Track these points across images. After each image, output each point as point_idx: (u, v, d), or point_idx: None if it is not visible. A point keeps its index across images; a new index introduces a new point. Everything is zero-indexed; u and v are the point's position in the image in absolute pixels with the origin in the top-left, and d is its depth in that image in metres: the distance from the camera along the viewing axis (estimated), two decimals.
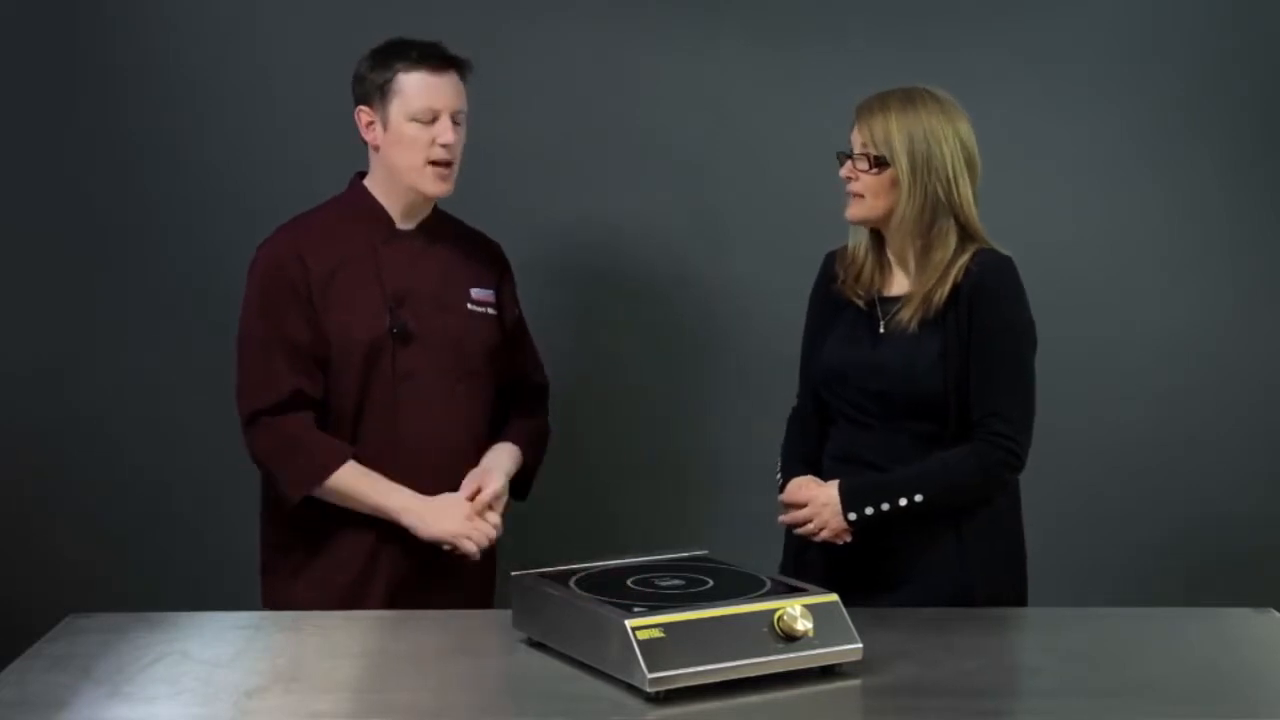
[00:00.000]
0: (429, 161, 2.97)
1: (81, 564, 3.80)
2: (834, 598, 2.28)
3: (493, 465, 3.06)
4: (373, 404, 2.99)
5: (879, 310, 2.92)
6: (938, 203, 2.84)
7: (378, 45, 3.03)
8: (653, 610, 2.19)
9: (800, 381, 3.07)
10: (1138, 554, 3.86)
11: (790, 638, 2.20)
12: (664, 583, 2.37)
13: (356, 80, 3.04)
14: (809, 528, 2.84)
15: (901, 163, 2.83)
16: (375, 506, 2.95)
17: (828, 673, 2.24)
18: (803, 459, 2.97)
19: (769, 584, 2.35)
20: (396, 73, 2.97)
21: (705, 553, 2.55)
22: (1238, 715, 2.16)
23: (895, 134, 2.84)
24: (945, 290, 2.84)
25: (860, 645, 2.24)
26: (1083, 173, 3.86)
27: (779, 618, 2.21)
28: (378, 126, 3.00)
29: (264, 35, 3.81)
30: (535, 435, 3.19)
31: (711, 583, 2.37)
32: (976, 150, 2.88)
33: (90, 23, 3.80)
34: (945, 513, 2.82)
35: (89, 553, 3.83)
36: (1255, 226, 3.89)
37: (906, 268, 2.91)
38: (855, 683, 2.23)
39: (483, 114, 3.11)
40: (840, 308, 2.97)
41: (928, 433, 2.84)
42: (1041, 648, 2.59)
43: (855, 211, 2.91)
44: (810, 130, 3.59)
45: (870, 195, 2.87)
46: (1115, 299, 3.87)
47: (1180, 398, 3.88)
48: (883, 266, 2.95)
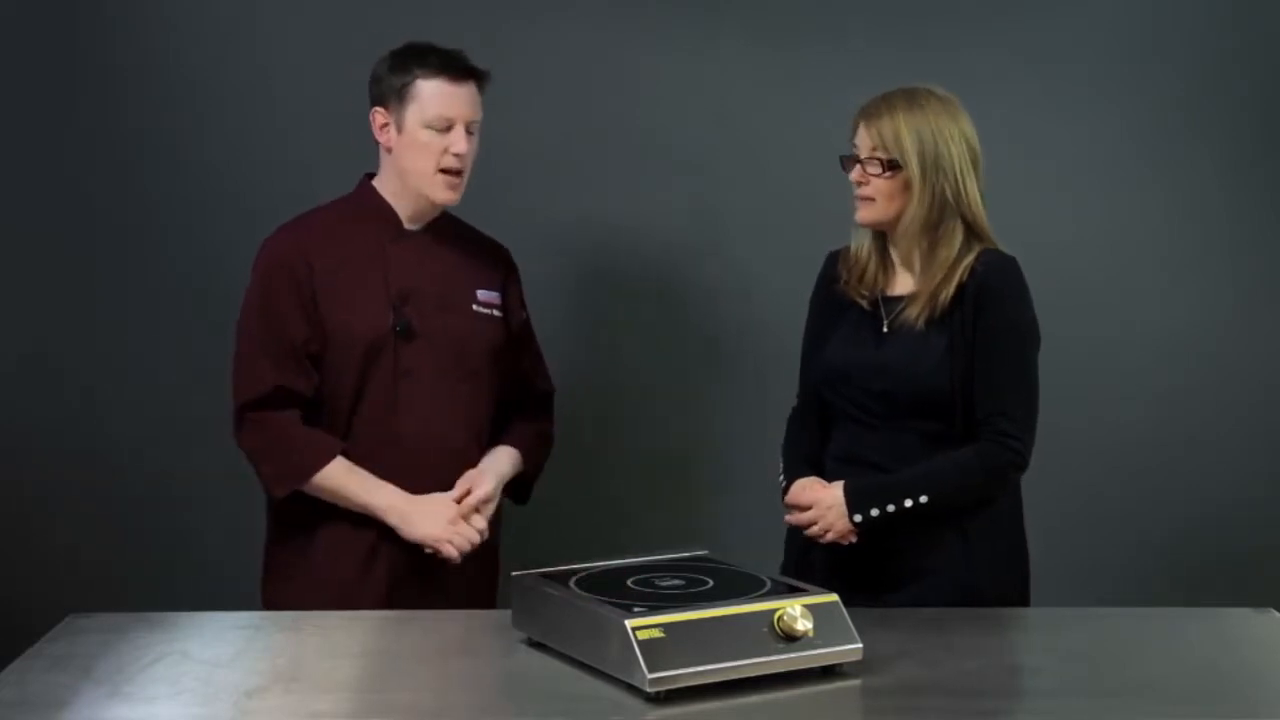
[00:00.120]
0: (440, 169, 2.97)
1: (81, 564, 3.80)
2: (834, 598, 2.27)
3: (487, 468, 3.05)
4: (370, 400, 2.98)
5: (882, 310, 2.91)
6: (945, 203, 2.84)
7: (398, 47, 3.01)
8: (653, 610, 2.19)
9: (800, 382, 3.06)
10: (1138, 554, 3.86)
11: (790, 638, 2.20)
12: (664, 583, 2.36)
13: (374, 81, 3.02)
14: (814, 529, 2.83)
15: (912, 165, 2.82)
16: (362, 505, 2.95)
17: (828, 673, 2.24)
18: (805, 460, 2.96)
19: (769, 584, 2.35)
20: (415, 78, 2.96)
21: (705, 553, 2.55)
22: (1238, 715, 2.16)
23: (905, 136, 2.82)
24: (951, 289, 2.83)
25: (860, 645, 2.24)
26: (1083, 173, 3.86)
27: (779, 618, 2.21)
28: (392, 129, 2.99)
29: (264, 35, 3.82)
30: (536, 440, 3.18)
31: (711, 583, 2.36)
32: (979, 148, 2.88)
33: (90, 23, 3.80)
34: (950, 513, 2.81)
35: (89, 553, 3.83)
36: (1255, 226, 3.89)
37: (911, 267, 2.90)
38: (855, 683, 2.23)
39: (483, 114, 3.10)
40: (843, 308, 2.96)
41: (931, 432, 2.84)
42: (1042, 648, 2.59)
43: (867, 215, 2.89)
44: (810, 130, 3.60)
45: (882, 199, 2.86)
46: (1115, 299, 3.87)
47: (1180, 398, 3.88)
48: (886, 266, 2.94)
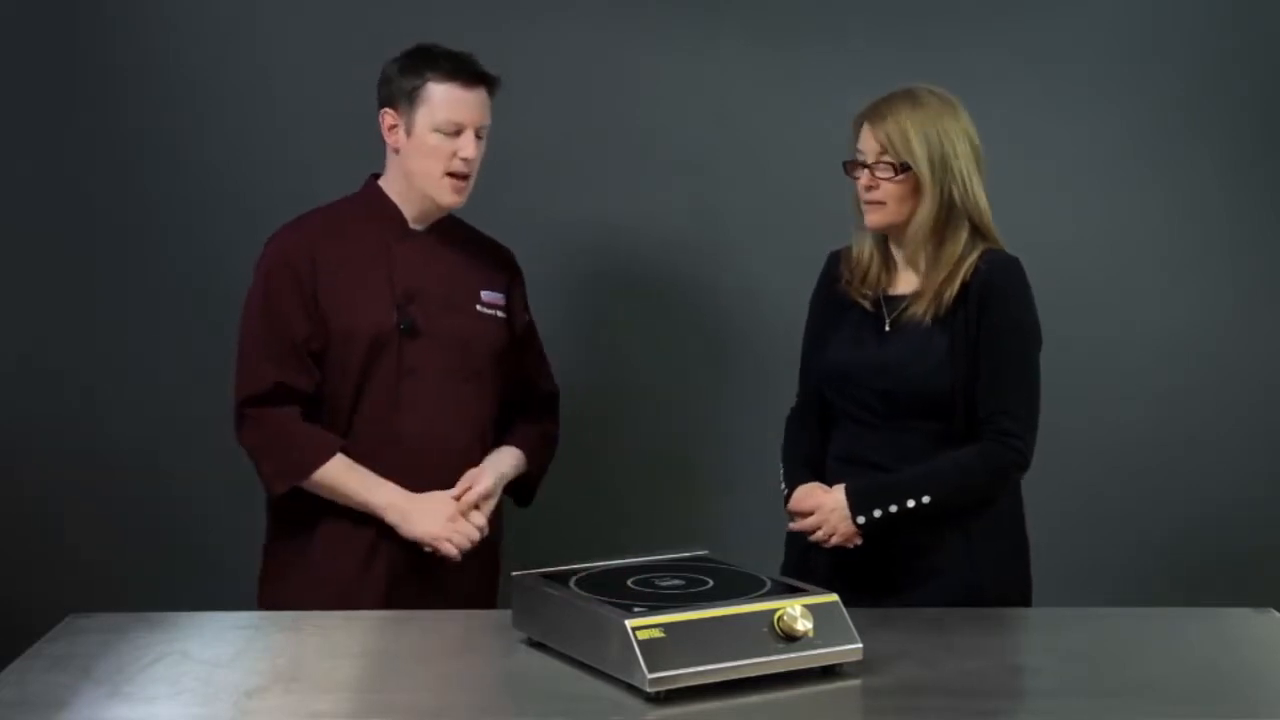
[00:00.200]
0: (447, 173, 2.98)
1: (81, 564, 3.80)
2: (834, 598, 2.27)
3: (487, 465, 3.05)
4: (371, 398, 2.98)
5: (884, 310, 2.90)
6: (954, 203, 2.83)
7: (409, 49, 3.01)
8: (653, 610, 2.19)
9: (800, 381, 3.06)
10: (1138, 554, 3.86)
11: (790, 638, 2.20)
12: (664, 583, 2.36)
13: (384, 81, 3.01)
14: (819, 534, 2.82)
15: (922, 166, 2.81)
16: (361, 502, 2.94)
17: (828, 673, 2.24)
18: (805, 463, 2.96)
19: (769, 584, 2.35)
20: (427, 81, 2.95)
21: (705, 553, 2.55)
22: (1238, 715, 2.16)
23: (913, 137, 2.81)
24: (955, 287, 2.82)
25: (860, 645, 2.24)
26: (1083, 173, 3.86)
27: (779, 618, 2.20)
28: (400, 131, 2.99)
29: (264, 35, 3.81)
30: (540, 440, 3.18)
31: (711, 583, 2.36)
32: (981, 147, 2.88)
33: (90, 23, 3.80)
34: (952, 513, 2.81)
35: (89, 553, 3.83)
36: (1255, 226, 3.89)
37: (915, 267, 2.90)
38: (855, 683, 2.23)
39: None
40: (845, 308, 2.95)
41: (933, 432, 2.83)
42: (1042, 648, 2.59)
43: (878, 219, 2.87)
44: (810, 130, 3.60)
45: (893, 202, 2.84)
46: (1115, 299, 3.87)
47: (1180, 398, 3.88)
48: (888, 266, 2.94)
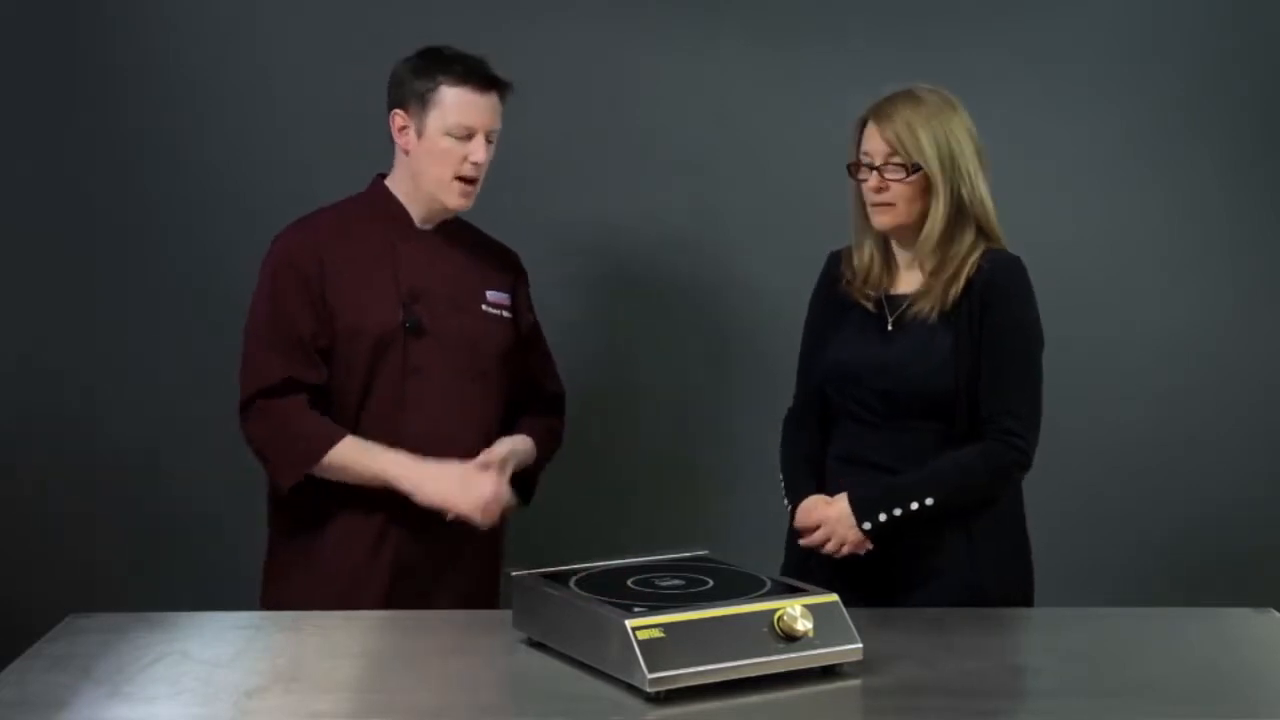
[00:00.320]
0: (456, 176, 2.98)
1: (81, 564, 3.80)
2: (834, 598, 2.27)
3: (502, 439, 3.04)
4: (378, 397, 2.98)
5: (886, 309, 2.90)
6: (962, 202, 2.83)
7: (421, 50, 3.00)
8: (653, 610, 2.19)
9: (800, 382, 3.06)
10: (1138, 554, 3.86)
11: (790, 638, 2.20)
12: (664, 583, 2.36)
13: (396, 82, 3.01)
14: (829, 546, 2.81)
15: (933, 167, 2.80)
16: (373, 475, 2.92)
17: (828, 673, 2.23)
18: (805, 468, 2.95)
19: (769, 584, 2.35)
20: (440, 85, 2.95)
21: (705, 553, 2.55)
22: (1238, 715, 2.16)
23: (923, 138, 2.80)
24: (959, 287, 2.82)
25: (860, 645, 2.24)
26: (1083, 173, 3.86)
27: (779, 618, 2.20)
28: (411, 133, 2.98)
29: (264, 35, 3.81)
30: (547, 434, 3.17)
31: (711, 583, 2.36)
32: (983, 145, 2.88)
33: (90, 23, 3.80)
34: (955, 513, 2.80)
35: (89, 553, 3.83)
36: (1255, 226, 3.89)
37: (918, 267, 2.89)
38: (855, 683, 2.23)
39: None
40: (845, 308, 2.95)
41: (935, 431, 2.83)
42: (1042, 648, 2.59)
43: (887, 220, 2.86)
44: (810, 130, 3.60)
45: (903, 202, 2.83)
46: (1115, 299, 3.87)
47: (1180, 398, 3.88)
48: (890, 266, 2.93)
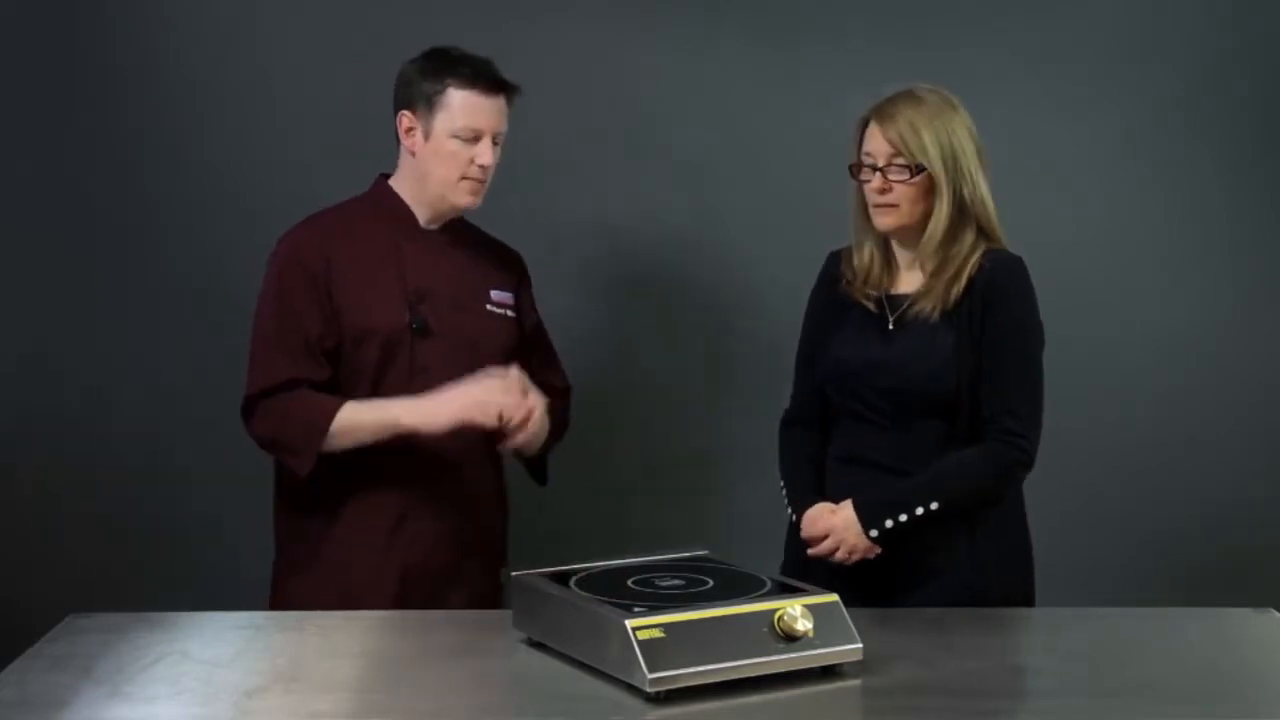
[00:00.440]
0: (463, 178, 2.98)
1: (81, 564, 3.80)
2: (834, 598, 2.27)
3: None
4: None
5: (887, 308, 2.90)
6: (964, 203, 2.83)
7: (429, 51, 3.00)
8: (653, 610, 2.19)
9: (798, 382, 3.05)
10: (1138, 554, 3.86)
11: (790, 638, 2.20)
12: (664, 583, 2.36)
13: (403, 83, 3.01)
14: (839, 555, 2.80)
15: (937, 167, 2.80)
16: (385, 425, 2.89)
17: (828, 673, 2.23)
18: (807, 476, 2.94)
19: (769, 584, 2.35)
20: (448, 87, 2.95)
21: (705, 553, 2.55)
22: (1238, 715, 2.16)
23: (926, 138, 2.80)
24: (960, 286, 2.81)
25: (860, 645, 2.24)
26: (1083, 173, 3.86)
27: (779, 618, 2.20)
28: (418, 134, 2.98)
29: (264, 35, 3.81)
30: (557, 411, 3.13)
31: (711, 583, 2.36)
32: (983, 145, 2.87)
33: (90, 23, 3.80)
34: (958, 514, 2.80)
35: (89, 553, 3.82)
36: (1255, 226, 3.89)
37: (918, 266, 2.89)
38: (855, 683, 2.23)
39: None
40: (846, 307, 2.94)
41: (937, 430, 2.82)
42: (1042, 648, 2.60)
43: (890, 221, 2.85)
44: (810, 130, 3.60)
45: (907, 203, 2.83)
46: (1115, 299, 3.87)
47: (1180, 398, 3.88)
48: (890, 266, 2.93)
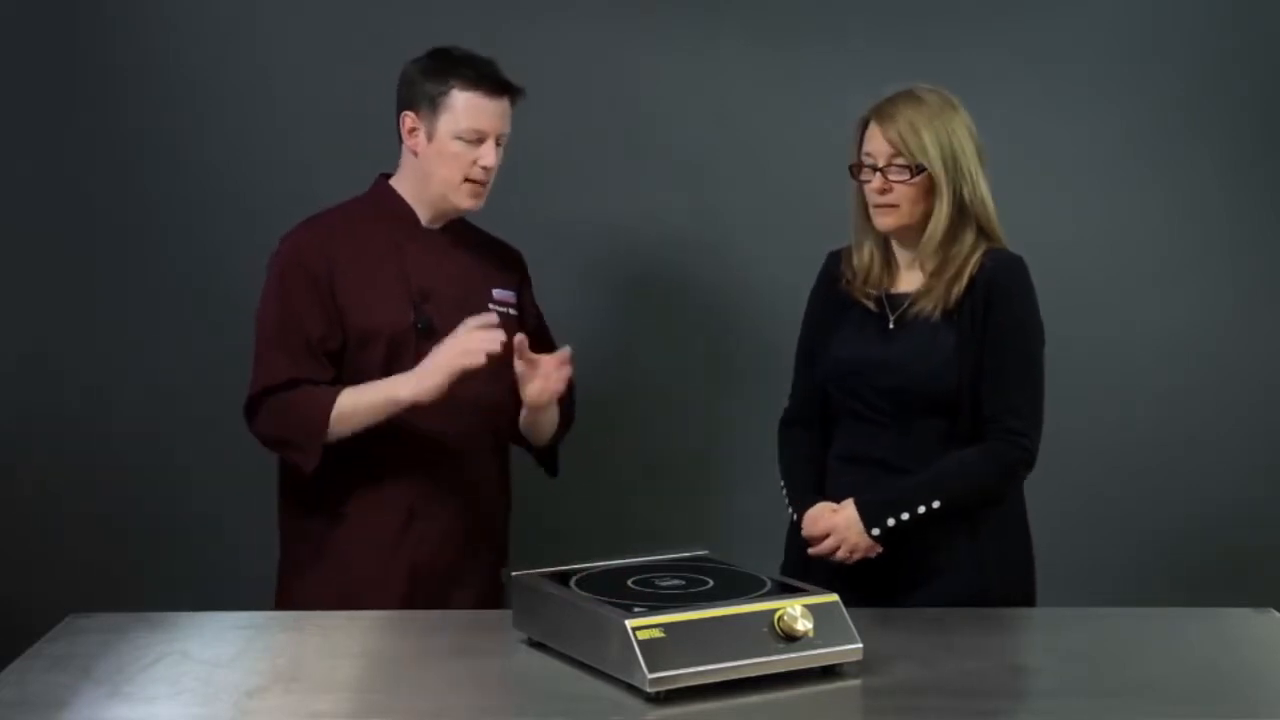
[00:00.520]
0: (466, 179, 2.98)
1: (82, 564, 3.80)
2: (834, 598, 2.27)
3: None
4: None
5: (888, 308, 2.90)
6: (964, 203, 2.83)
7: (432, 51, 3.00)
8: (653, 610, 2.19)
9: (798, 382, 3.05)
10: (1138, 554, 3.86)
11: (790, 638, 2.20)
12: (664, 583, 2.36)
13: (406, 83, 3.00)
14: (840, 554, 2.80)
15: (937, 168, 2.80)
16: (383, 404, 2.88)
17: (828, 673, 2.23)
18: (808, 475, 2.94)
19: (769, 584, 2.35)
20: (452, 89, 2.94)
21: (705, 553, 2.55)
22: (1238, 715, 2.16)
23: (926, 138, 2.80)
24: (962, 286, 2.81)
25: (860, 645, 2.24)
26: (1083, 173, 3.86)
27: (779, 618, 2.20)
28: (421, 135, 2.98)
29: (264, 35, 3.81)
30: (565, 402, 3.13)
31: (711, 583, 2.36)
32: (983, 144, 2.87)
33: (90, 23, 3.80)
34: (960, 514, 2.80)
35: (89, 553, 3.82)
36: (1255, 226, 3.89)
37: (918, 266, 2.89)
38: (855, 683, 2.23)
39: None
40: (845, 307, 2.94)
41: (938, 429, 2.83)
42: (1042, 648, 2.60)
43: (891, 221, 2.85)
44: (810, 130, 3.60)
45: (907, 203, 2.83)
46: (1115, 299, 3.87)
47: (1180, 398, 3.88)
48: (890, 265, 2.93)
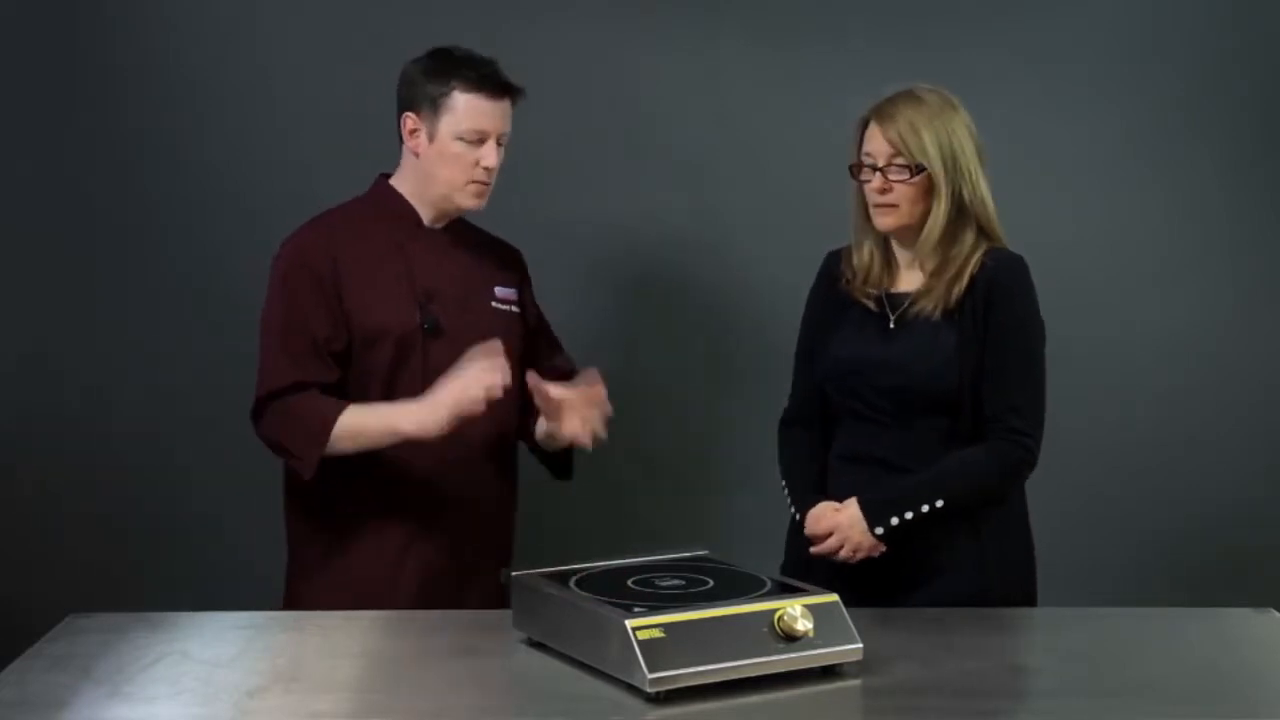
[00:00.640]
0: (469, 180, 2.98)
1: (82, 564, 3.80)
2: (834, 598, 2.27)
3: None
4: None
5: (888, 307, 2.90)
6: (964, 203, 2.83)
7: (432, 51, 2.99)
8: (653, 610, 2.19)
9: (797, 381, 3.05)
10: (1138, 554, 3.86)
11: (790, 638, 2.20)
12: (664, 583, 2.36)
13: (407, 84, 3.00)
14: (843, 553, 2.80)
15: (936, 167, 2.80)
16: (385, 431, 2.88)
17: (828, 673, 2.23)
18: (809, 475, 2.94)
19: (769, 584, 2.35)
20: (453, 89, 2.94)
21: (705, 553, 2.55)
22: (1238, 715, 2.16)
23: (926, 138, 2.80)
24: (962, 285, 2.81)
25: (860, 645, 2.24)
26: (1083, 173, 3.86)
27: (779, 618, 2.20)
28: (422, 136, 2.98)
29: (264, 35, 3.81)
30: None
31: (711, 583, 2.36)
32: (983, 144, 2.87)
33: (90, 23, 3.80)
34: (962, 513, 2.80)
35: (89, 553, 3.83)
36: (1255, 226, 3.89)
37: (918, 266, 2.89)
38: (855, 683, 2.23)
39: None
40: (845, 306, 2.94)
41: (939, 428, 2.83)
42: (1042, 648, 2.60)
43: (890, 221, 2.85)
44: (810, 130, 3.61)
45: (906, 203, 2.83)
46: (1115, 299, 3.87)
47: (1180, 398, 3.88)
48: (890, 265, 2.93)
